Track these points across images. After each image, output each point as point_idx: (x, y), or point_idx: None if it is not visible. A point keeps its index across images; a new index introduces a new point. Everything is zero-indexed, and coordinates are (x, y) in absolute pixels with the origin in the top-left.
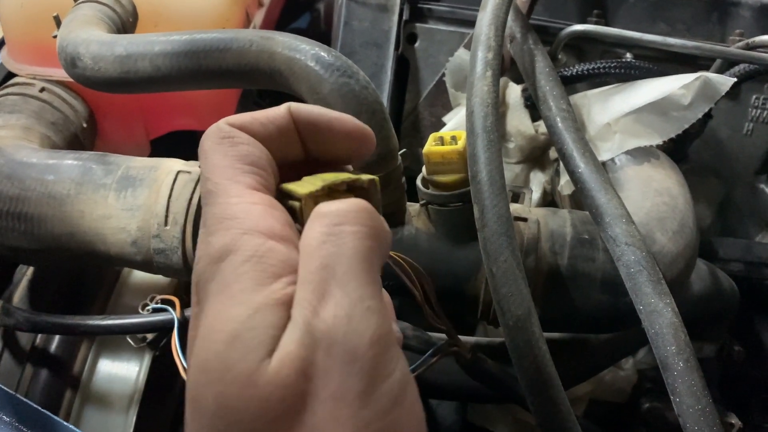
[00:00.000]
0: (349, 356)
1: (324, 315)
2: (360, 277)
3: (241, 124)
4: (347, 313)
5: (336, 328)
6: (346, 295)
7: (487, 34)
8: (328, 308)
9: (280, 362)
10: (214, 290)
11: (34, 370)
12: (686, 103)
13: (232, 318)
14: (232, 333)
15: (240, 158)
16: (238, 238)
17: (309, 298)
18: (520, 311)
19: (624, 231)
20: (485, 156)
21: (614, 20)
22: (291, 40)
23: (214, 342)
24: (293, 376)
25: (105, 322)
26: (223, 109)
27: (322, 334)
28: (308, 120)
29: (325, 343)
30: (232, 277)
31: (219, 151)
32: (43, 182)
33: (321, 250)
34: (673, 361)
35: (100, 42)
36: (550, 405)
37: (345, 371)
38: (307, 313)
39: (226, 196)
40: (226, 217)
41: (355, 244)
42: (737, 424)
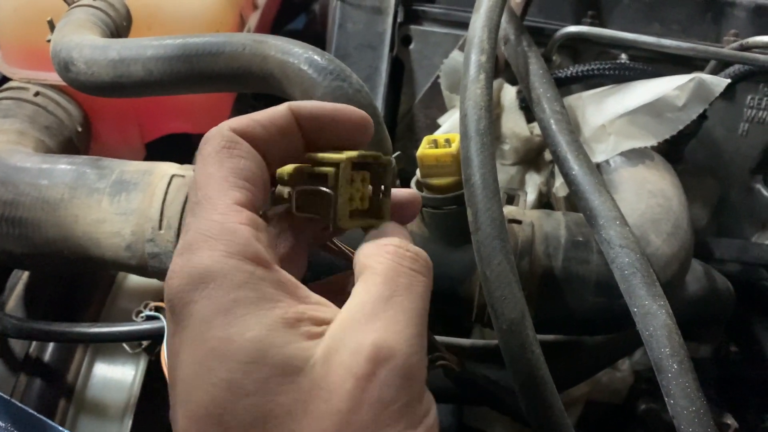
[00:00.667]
0: (407, 372)
1: (389, 333)
2: (420, 315)
3: (243, 129)
4: (409, 337)
5: (400, 346)
6: (409, 322)
7: (480, 36)
8: (393, 328)
9: (326, 369)
10: (205, 313)
11: (28, 379)
12: (681, 105)
13: (250, 339)
14: (256, 353)
15: (235, 172)
16: (225, 261)
17: (371, 316)
18: (514, 314)
19: (618, 233)
20: (479, 159)
21: (609, 21)
22: (284, 44)
23: (237, 362)
24: (343, 381)
25: (96, 329)
26: (217, 112)
27: (386, 348)
28: (311, 116)
29: (387, 356)
30: (227, 303)
31: (216, 160)
32: (37, 187)
33: (394, 280)
34: (668, 363)
35: (93, 46)
36: (544, 408)
37: (402, 384)
38: (368, 329)
39: (213, 211)
40: (210, 235)
41: (421, 289)
42: (733, 425)
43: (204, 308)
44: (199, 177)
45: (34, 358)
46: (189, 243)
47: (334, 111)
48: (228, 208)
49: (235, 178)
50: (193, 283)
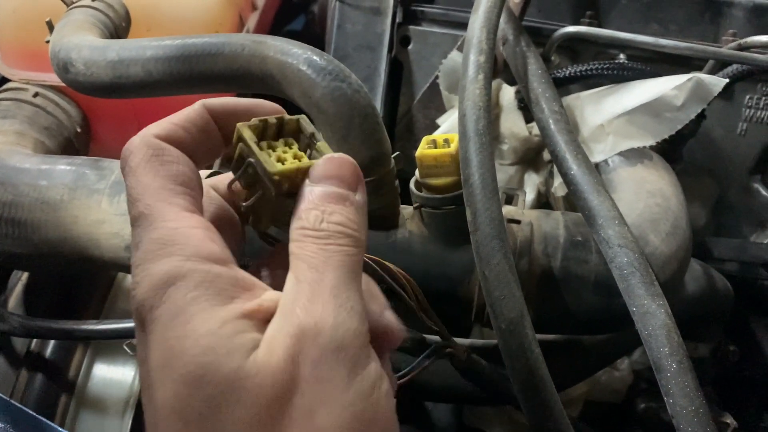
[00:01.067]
0: (335, 345)
1: (313, 311)
2: (344, 283)
3: (167, 134)
4: (334, 311)
5: (324, 321)
6: (334, 297)
7: (478, 37)
8: (317, 306)
9: (269, 351)
10: (165, 316)
11: (30, 375)
12: (679, 104)
13: (203, 333)
14: (208, 345)
15: (172, 178)
16: (182, 264)
17: (300, 296)
18: (513, 314)
19: (617, 233)
20: (477, 159)
21: (607, 21)
22: (283, 44)
23: (191, 356)
24: (282, 362)
25: (99, 326)
26: None
27: (311, 326)
28: (225, 111)
29: (312, 333)
30: (183, 303)
31: (149, 170)
32: (36, 188)
33: (313, 258)
34: (667, 363)
35: (92, 47)
36: (543, 408)
37: (332, 358)
38: (298, 309)
39: (162, 219)
40: (166, 242)
41: (341, 258)
42: (732, 424)
43: (165, 312)
44: (136, 189)
45: (35, 354)
46: (145, 253)
47: (249, 106)
48: (177, 214)
49: (173, 184)
50: (154, 290)
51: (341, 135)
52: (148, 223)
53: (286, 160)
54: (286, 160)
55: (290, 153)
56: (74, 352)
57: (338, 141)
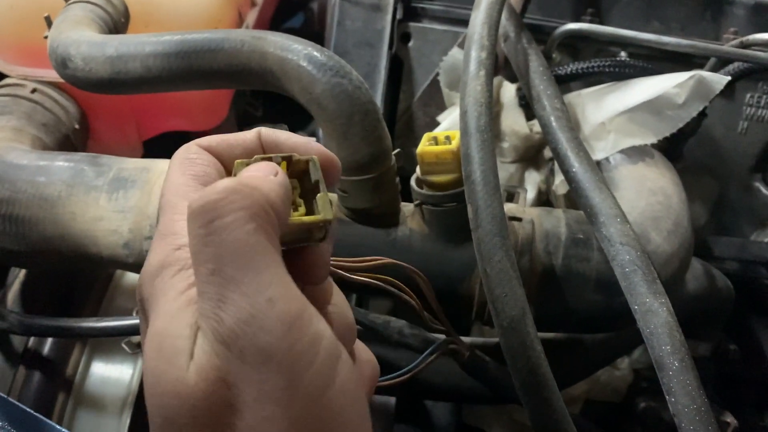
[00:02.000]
0: (262, 356)
1: (227, 321)
2: (251, 269)
3: (208, 144)
4: (249, 313)
5: (242, 332)
6: (243, 295)
7: (480, 33)
8: (229, 313)
9: (197, 374)
10: (152, 306)
11: (27, 373)
12: (680, 102)
13: (157, 331)
14: (157, 344)
15: (196, 177)
16: (171, 253)
17: (209, 307)
18: (515, 312)
19: (618, 230)
20: (479, 156)
21: (608, 19)
22: (283, 40)
23: (148, 357)
24: (212, 386)
25: (98, 324)
26: (215, 110)
27: (231, 340)
28: (275, 144)
29: (236, 348)
30: (161, 291)
31: (178, 169)
32: (34, 184)
33: (204, 254)
34: (668, 361)
35: (90, 43)
36: (545, 406)
37: (262, 372)
38: (212, 323)
39: (172, 212)
40: (166, 233)
41: (235, 236)
42: (733, 423)
43: (152, 303)
44: (163, 186)
45: (33, 352)
46: (152, 244)
47: (297, 145)
48: (185, 208)
49: (195, 182)
50: (149, 278)
51: (342, 131)
52: (161, 215)
53: None
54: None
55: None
56: (72, 350)
57: (338, 138)
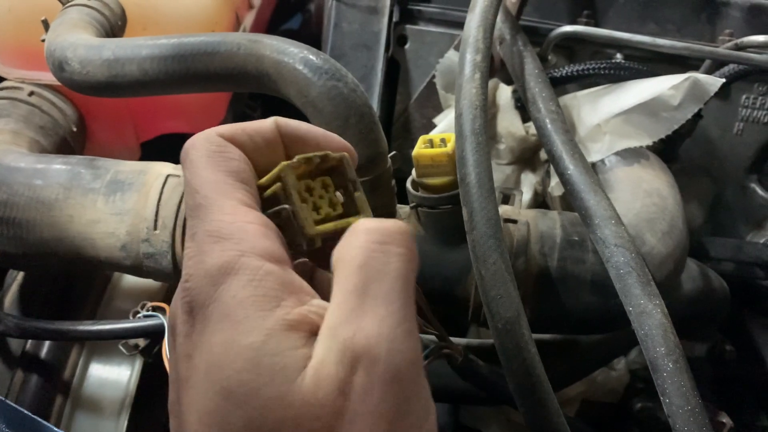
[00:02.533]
0: (390, 375)
1: (367, 332)
2: (402, 298)
3: (231, 135)
4: (390, 332)
5: (379, 346)
6: (389, 315)
7: (475, 36)
8: (371, 325)
9: (316, 383)
10: (216, 315)
11: (25, 376)
12: (675, 104)
13: (246, 346)
14: (251, 361)
15: (232, 173)
16: (236, 259)
17: (349, 314)
18: (509, 314)
19: (613, 232)
20: (474, 158)
21: (604, 21)
22: (279, 44)
23: (234, 371)
24: (332, 395)
25: (95, 327)
26: (213, 112)
27: (364, 351)
28: (296, 135)
29: (366, 361)
30: (233, 303)
31: (210, 164)
32: (31, 187)
33: (366, 266)
34: (663, 363)
35: (87, 46)
36: (540, 407)
37: (386, 390)
38: (347, 331)
39: (219, 212)
40: (221, 236)
41: (399, 266)
42: (728, 424)
43: (215, 311)
44: (195, 181)
45: (30, 355)
46: (200, 245)
47: (318, 137)
48: (234, 208)
49: (233, 179)
50: (207, 284)
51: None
52: (205, 215)
53: (321, 208)
54: (321, 208)
55: (326, 198)
56: (70, 353)
57: None
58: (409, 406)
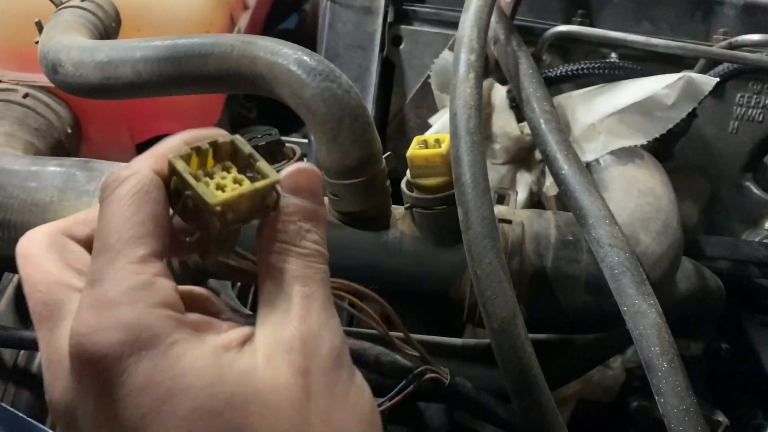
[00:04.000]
0: (336, 353)
1: (311, 323)
2: (329, 300)
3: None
4: (328, 323)
5: (323, 333)
6: (324, 311)
7: (469, 36)
8: (313, 318)
9: (272, 368)
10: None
11: (17, 390)
12: (670, 103)
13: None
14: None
15: (152, 218)
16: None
17: (294, 309)
18: (505, 313)
19: (607, 232)
20: (469, 158)
21: (599, 20)
22: (273, 45)
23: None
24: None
25: None
26: (208, 113)
27: (312, 337)
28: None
29: (314, 344)
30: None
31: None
32: (25, 189)
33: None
34: (658, 362)
35: (81, 48)
36: (536, 407)
37: (336, 365)
38: (295, 322)
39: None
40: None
41: (323, 277)
42: (724, 422)
43: (143, 358)
44: (112, 219)
45: (21, 368)
46: (104, 295)
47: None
48: (144, 258)
49: (153, 225)
50: (122, 336)
51: (331, 136)
52: (114, 259)
53: (226, 186)
54: (226, 187)
55: (229, 178)
56: None
57: (328, 142)
58: (353, 379)
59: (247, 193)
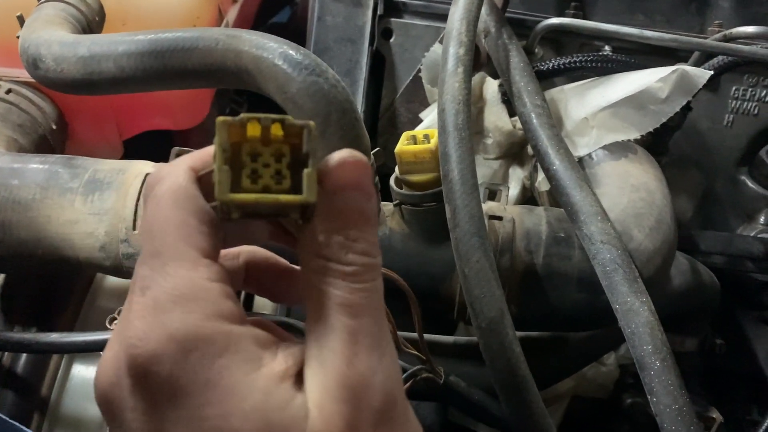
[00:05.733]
0: (388, 404)
1: (359, 365)
2: (381, 327)
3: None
4: (380, 362)
5: (374, 378)
6: (376, 346)
7: (458, 29)
8: (362, 358)
9: (324, 420)
10: (195, 386)
11: (1, 392)
12: (663, 97)
13: (251, 410)
14: (260, 421)
15: (198, 215)
16: (201, 325)
17: (339, 347)
18: (493, 313)
19: (599, 229)
20: (457, 154)
21: (592, 12)
22: (258, 39)
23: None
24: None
25: (71, 339)
26: (197, 108)
27: (361, 385)
28: None
29: (364, 394)
30: (213, 373)
31: (173, 201)
32: (7, 187)
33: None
34: (650, 361)
35: (62, 43)
36: (524, 407)
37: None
38: (343, 365)
39: (178, 266)
40: (180, 295)
41: (375, 298)
42: (718, 419)
43: (193, 382)
44: (154, 222)
45: (6, 368)
46: (156, 303)
47: None
48: (195, 262)
49: (197, 222)
50: (174, 352)
51: (319, 131)
52: (162, 266)
53: (262, 177)
54: (262, 178)
55: (271, 169)
56: (48, 366)
57: None
58: (407, 427)
59: (266, 202)
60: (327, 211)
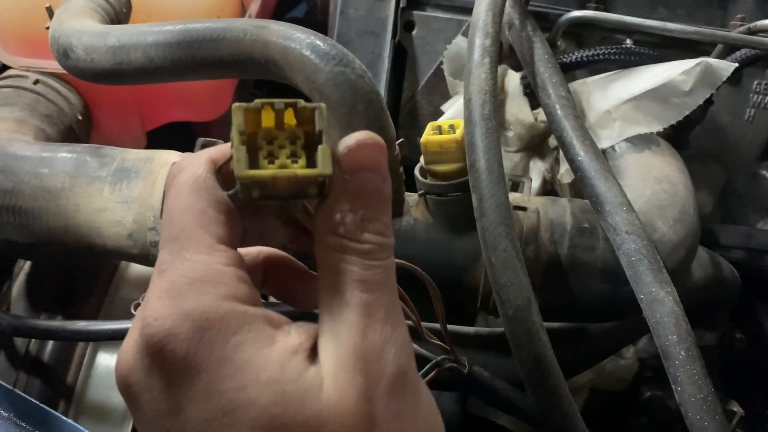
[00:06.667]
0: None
1: (373, 338)
2: (394, 302)
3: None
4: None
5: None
6: (388, 319)
7: (484, 20)
8: (376, 331)
9: (338, 390)
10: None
11: (28, 378)
12: (687, 89)
13: (266, 381)
14: (276, 393)
15: (215, 204)
16: (217, 305)
17: (354, 320)
18: (520, 301)
19: (624, 219)
20: (483, 144)
21: (614, 6)
22: (286, 29)
23: (260, 408)
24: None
25: (94, 327)
26: (219, 100)
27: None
28: None
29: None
30: (229, 349)
31: (193, 190)
32: (37, 175)
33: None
34: (675, 351)
35: (92, 33)
36: (551, 395)
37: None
38: (357, 337)
39: (194, 251)
40: (197, 277)
41: (388, 275)
42: (739, 412)
43: (208, 358)
44: (174, 209)
45: (33, 356)
46: (172, 285)
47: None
48: (211, 247)
49: (215, 211)
50: (189, 330)
51: (345, 121)
52: (180, 250)
53: (278, 158)
54: (278, 158)
55: (287, 150)
56: (73, 354)
57: (341, 127)
58: (419, 398)
59: (284, 176)
60: (344, 191)
